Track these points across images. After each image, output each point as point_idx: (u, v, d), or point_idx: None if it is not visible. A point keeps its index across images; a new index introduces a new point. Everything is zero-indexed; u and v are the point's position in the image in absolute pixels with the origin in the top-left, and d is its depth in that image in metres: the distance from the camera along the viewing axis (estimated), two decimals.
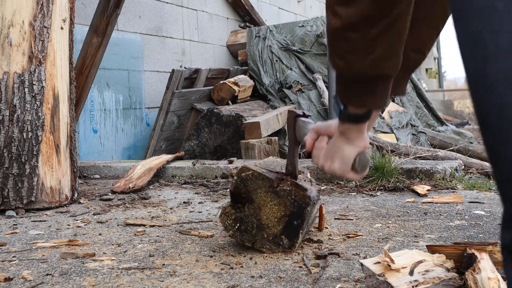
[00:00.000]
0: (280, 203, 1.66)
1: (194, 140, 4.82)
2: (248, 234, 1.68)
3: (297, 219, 1.65)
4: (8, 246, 1.89)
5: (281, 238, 1.67)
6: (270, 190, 1.66)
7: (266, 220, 1.67)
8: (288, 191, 1.65)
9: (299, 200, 1.65)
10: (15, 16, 2.60)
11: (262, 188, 1.66)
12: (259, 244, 1.68)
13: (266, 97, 5.80)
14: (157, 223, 2.21)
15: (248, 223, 1.68)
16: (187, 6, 5.97)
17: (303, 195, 1.65)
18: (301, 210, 1.65)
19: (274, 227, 1.67)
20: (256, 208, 1.67)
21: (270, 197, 1.66)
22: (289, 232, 1.66)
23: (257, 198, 1.67)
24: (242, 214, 1.68)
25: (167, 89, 5.07)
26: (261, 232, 1.67)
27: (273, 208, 1.66)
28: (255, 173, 1.67)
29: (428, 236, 1.86)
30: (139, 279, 1.47)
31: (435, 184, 2.94)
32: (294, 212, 1.65)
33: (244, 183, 1.67)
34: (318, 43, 5.85)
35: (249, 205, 1.68)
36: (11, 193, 2.53)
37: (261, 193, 1.66)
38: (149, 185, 3.33)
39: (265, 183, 1.66)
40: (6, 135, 2.56)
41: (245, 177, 1.67)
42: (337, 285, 1.38)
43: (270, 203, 1.66)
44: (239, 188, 1.68)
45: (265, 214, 1.67)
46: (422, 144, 5.69)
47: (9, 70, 2.59)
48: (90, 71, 3.79)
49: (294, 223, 1.65)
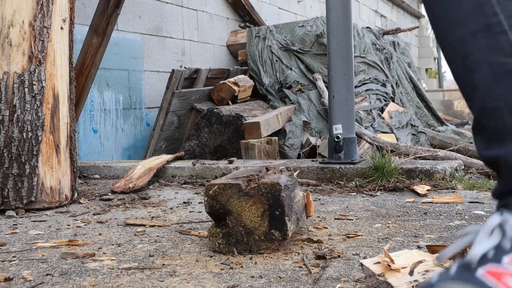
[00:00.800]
0: (255, 201, 1.68)
1: (194, 140, 4.82)
2: (241, 244, 1.69)
3: (277, 208, 1.67)
4: (8, 246, 1.89)
5: (272, 233, 1.68)
6: (241, 194, 1.68)
7: (250, 223, 1.68)
8: (257, 188, 1.67)
9: (270, 190, 1.67)
10: (15, 16, 2.60)
11: (233, 196, 1.68)
12: (255, 248, 1.69)
13: (266, 97, 5.80)
14: (157, 223, 2.21)
15: (236, 234, 1.69)
16: (187, 6, 5.97)
17: (271, 184, 1.67)
18: (276, 198, 1.66)
19: (260, 226, 1.68)
20: (237, 217, 1.69)
21: (245, 201, 1.68)
22: (276, 224, 1.68)
23: (233, 207, 1.69)
24: (227, 228, 1.70)
25: (167, 89, 5.07)
26: (251, 236, 1.69)
27: (251, 210, 1.68)
28: (221, 185, 1.69)
29: (428, 236, 1.86)
30: (139, 279, 1.48)
31: (435, 184, 2.94)
32: (271, 203, 1.67)
33: (216, 199, 1.69)
34: (318, 43, 5.85)
35: (230, 217, 1.69)
36: (11, 193, 2.54)
37: (234, 201, 1.68)
38: (149, 185, 3.33)
39: (234, 190, 1.68)
40: (6, 135, 2.56)
41: (213, 194, 1.69)
42: (337, 285, 1.38)
43: (246, 206, 1.68)
44: (213, 206, 1.70)
45: (247, 218, 1.68)
46: (422, 144, 5.70)
47: (9, 70, 2.59)
48: (90, 71, 3.79)
49: (276, 213, 1.67)
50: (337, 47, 3.43)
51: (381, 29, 7.00)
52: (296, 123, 5.16)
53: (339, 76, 3.41)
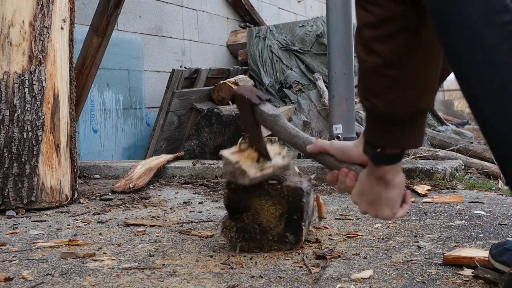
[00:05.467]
0: (275, 202, 1.66)
1: (194, 140, 4.82)
2: (253, 241, 1.69)
3: (296, 213, 1.66)
4: (8, 246, 1.89)
5: (286, 236, 1.67)
6: (262, 193, 1.66)
7: (267, 222, 1.67)
8: (279, 189, 1.66)
9: (292, 194, 1.65)
10: (15, 16, 2.60)
11: (254, 193, 1.67)
12: (267, 247, 1.68)
13: None
14: (157, 223, 2.21)
15: (250, 230, 1.68)
16: (187, 6, 5.97)
17: (294, 188, 1.66)
18: (297, 203, 1.66)
19: (276, 227, 1.67)
20: (254, 214, 1.68)
21: (265, 200, 1.66)
22: (292, 228, 1.67)
23: (252, 204, 1.67)
24: (242, 223, 1.69)
25: (167, 89, 5.07)
26: (265, 235, 1.68)
27: (270, 209, 1.67)
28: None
29: (428, 236, 1.86)
30: (139, 279, 1.48)
31: (435, 184, 2.94)
32: (291, 207, 1.66)
33: (236, 193, 1.67)
34: (318, 43, 5.85)
35: (247, 213, 1.68)
36: (11, 193, 2.53)
37: (254, 198, 1.67)
38: (149, 185, 3.33)
39: (256, 187, 1.66)
40: (6, 135, 2.56)
41: (235, 188, 1.68)
42: (337, 285, 1.38)
43: (266, 206, 1.67)
44: (232, 200, 1.69)
45: (264, 217, 1.67)
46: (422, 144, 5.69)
47: (9, 70, 2.59)
48: (90, 71, 3.79)
49: (294, 218, 1.66)
50: (337, 47, 3.43)
51: None
52: (296, 123, 5.16)
53: (339, 76, 3.41)
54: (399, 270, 1.48)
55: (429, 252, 1.66)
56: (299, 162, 3.53)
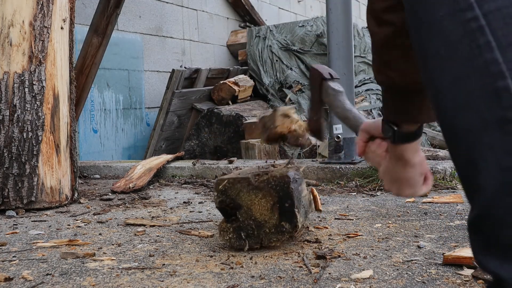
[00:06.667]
0: (265, 194, 1.69)
1: (194, 140, 4.82)
2: (252, 237, 1.70)
3: (287, 200, 1.68)
4: (8, 246, 1.89)
5: (282, 225, 1.69)
6: (251, 188, 1.69)
7: (261, 216, 1.69)
8: (266, 181, 1.68)
9: (279, 182, 1.68)
10: (15, 16, 2.60)
11: (243, 190, 1.69)
12: (266, 241, 1.70)
13: (266, 97, 5.80)
14: (157, 223, 2.21)
15: (247, 227, 1.70)
16: (187, 6, 5.97)
17: (280, 177, 1.68)
18: (285, 190, 1.67)
19: (271, 219, 1.69)
20: (247, 211, 1.70)
21: (254, 194, 1.69)
22: (286, 216, 1.68)
23: (243, 201, 1.70)
24: (238, 223, 1.71)
25: (167, 89, 5.07)
26: (262, 229, 1.70)
27: (261, 203, 1.69)
28: (230, 180, 1.71)
29: (428, 236, 1.86)
30: (139, 279, 1.48)
31: (435, 184, 2.94)
32: (281, 195, 1.68)
33: (226, 194, 1.70)
34: (318, 43, 5.85)
35: (240, 211, 1.70)
36: (11, 193, 2.53)
37: (244, 195, 1.69)
38: (149, 185, 3.33)
39: (243, 184, 1.70)
40: (6, 135, 2.56)
41: (223, 189, 1.71)
42: (337, 285, 1.38)
43: (256, 200, 1.69)
44: (223, 201, 1.71)
45: (257, 211, 1.69)
46: (422, 144, 5.70)
47: (9, 70, 2.59)
48: (90, 71, 3.79)
49: (286, 205, 1.68)
50: (337, 47, 3.43)
51: None
52: None
53: (339, 76, 3.41)
54: (399, 270, 1.48)
55: (429, 252, 1.66)
56: (299, 162, 3.53)
